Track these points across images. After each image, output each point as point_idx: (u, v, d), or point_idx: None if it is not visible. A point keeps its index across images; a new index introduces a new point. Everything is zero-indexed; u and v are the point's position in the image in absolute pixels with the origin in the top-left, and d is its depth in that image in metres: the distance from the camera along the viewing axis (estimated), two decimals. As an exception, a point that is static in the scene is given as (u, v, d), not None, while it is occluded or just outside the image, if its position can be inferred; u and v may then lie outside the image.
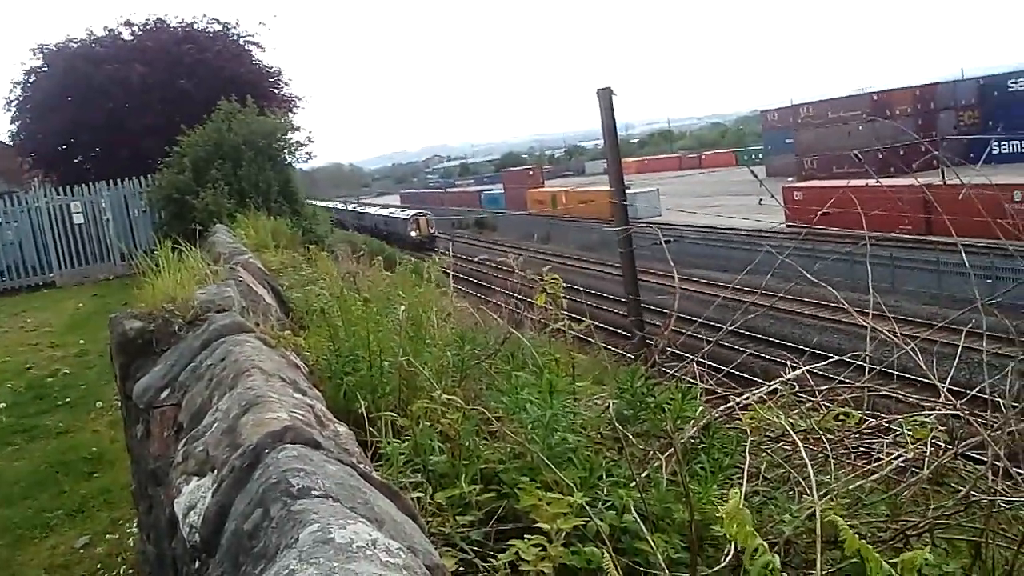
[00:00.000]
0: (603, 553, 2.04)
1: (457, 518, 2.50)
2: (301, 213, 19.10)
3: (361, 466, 1.88)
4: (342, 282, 5.80)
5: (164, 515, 2.49)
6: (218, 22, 29.60)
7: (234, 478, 1.76)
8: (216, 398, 2.50)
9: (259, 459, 1.73)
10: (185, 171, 18.56)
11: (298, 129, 21.18)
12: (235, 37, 29.61)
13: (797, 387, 3.64)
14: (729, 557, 2.17)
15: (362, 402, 3.30)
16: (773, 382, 3.59)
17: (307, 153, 21.43)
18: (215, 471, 2.00)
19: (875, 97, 52.33)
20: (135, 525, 5.84)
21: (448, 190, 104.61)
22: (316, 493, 1.51)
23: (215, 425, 2.26)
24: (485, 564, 2.27)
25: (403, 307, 4.56)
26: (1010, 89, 47.95)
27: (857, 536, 2.47)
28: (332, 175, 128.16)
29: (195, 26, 29.16)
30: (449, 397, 3.12)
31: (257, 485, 1.61)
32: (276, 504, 1.49)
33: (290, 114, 26.12)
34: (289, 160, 20.09)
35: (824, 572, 2.17)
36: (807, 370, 3.62)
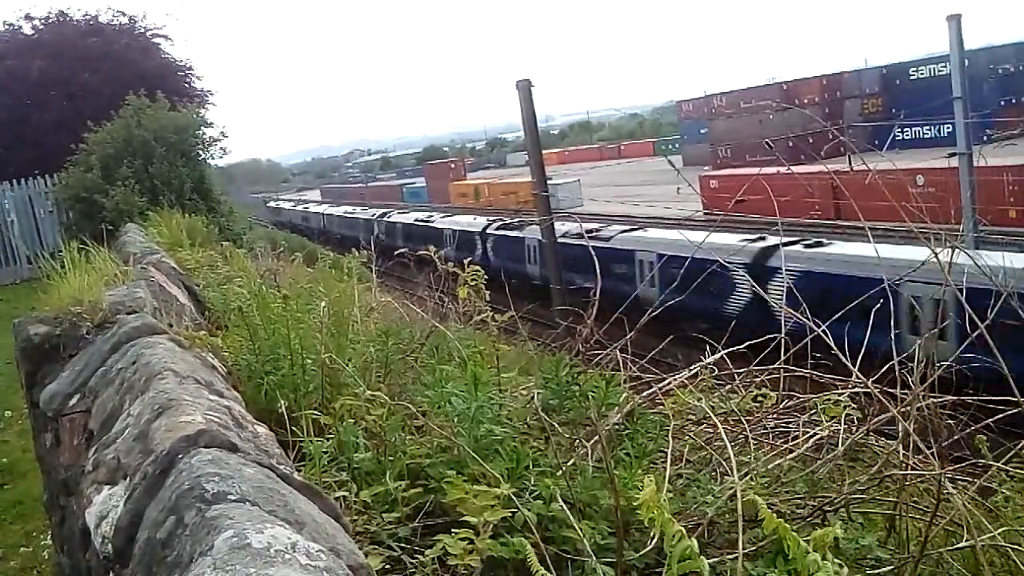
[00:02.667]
0: (529, 543, 2.04)
1: (384, 515, 2.47)
2: (217, 210, 18.61)
3: (281, 467, 1.84)
4: (261, 280, 5.67)
5: (77, 526, 2.39)
6: (124, 14, 28.57)
7: (146, 485, 1.69)
8: (127, 403, 2.40)
9: (172, 465, 1.66)
10: (93, 169, 17.84)
11: (211, 124, 20.62)
12: (142, 30, 28.62)
13: (717, 371, 3.72)
14: (655, 541, 2.20)
15: (283, 401, 3.23)
16: (694, 366, 3.66)
17: (222, 149, 20.82)
18: (127, 479, 1.92)
19: (784, 87, 53.86)
20: (49, 537, 5.61)
21: (369, 184, 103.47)
22: (232, 497, 1.46)
23: (126, 431, 2.17)
24: (413, 560, 2.25)
25: (324, 303, 4.49)
26: (911, 77, 49.95)
27: (777, 514, 2.53)
28: (250, 171, 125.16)
29: (100, 19, 28.09)
30: (373, 393, 3.08)
31: (170, 492, 1.55)
32: (190, 511, 1.44)
33: (203, 109, 25.39)
34: (203, 156, 19.52)
35: (746, 550, 2.22)
36: (725, 354, 3.70)
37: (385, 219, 46.97)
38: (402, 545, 2.35)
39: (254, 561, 1.24)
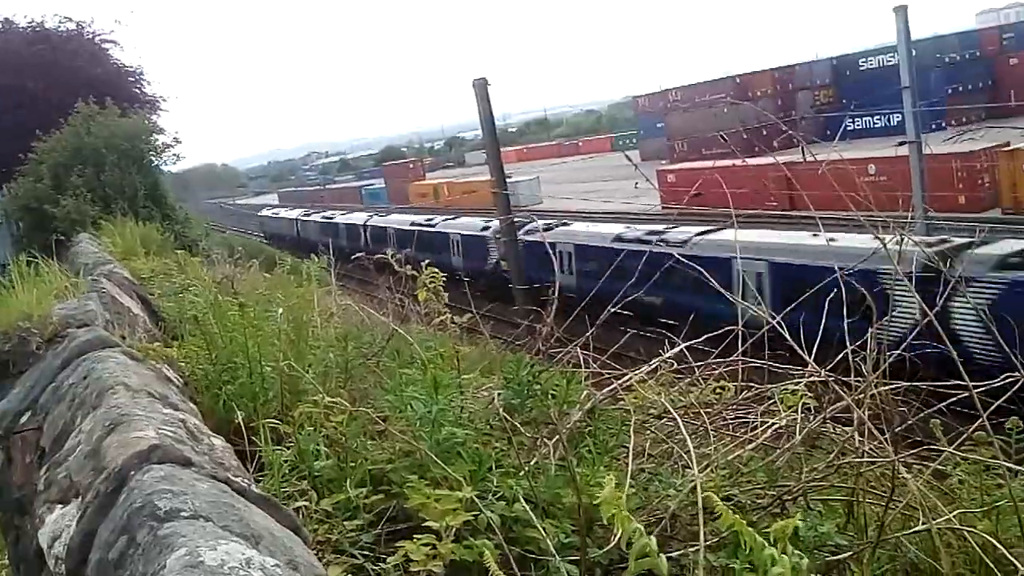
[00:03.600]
0: (492, 546, 2.04)
1: (345, 523, 2.45)
2: (172, 217, 18.32)
3: (238, 480, 1.81)
4: (217, 287, 5.59)
5: (31, 547, 2.34)
6: (71, 20, 27.97)
7: (98, 504, 1.66)
8: (79, 419, 2.36)
9: (124, 482, 1.63)
10: (43, 179, 17.46)
11: (163, 131, 20.29)
12: (90, 36, 28.05)
13: (676, 364, 3.75)
14: (619, 538, 2.21)
15: (241, 411, 3.18)
16: (653, 361, 3.68)
17: (175, 155, 20.48)
18: (79, 498, 1.89)
19: (738, 80, 54.59)
20: (6, 558, 5.49)
21: (328, 187, 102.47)
22: (185, 514, 1.44)
23: (78, 448, 2.13)
24: (376, 568, 2.24)
25: (281, 309, 4.44)
26: (861, 68, 50.79)
27: (737, 505, 2.56)
28: (205, 176, 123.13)
29: (46, 25, 27.48)
30: (333, 400, 3.05)
31: (122, 510, 1.52)
32: (142, 529, 1.41)
33: (155, 115, 24.96)
34: (156, 162, 19.20)
35: (709, 542, 2.24)
36: (684, 347, 3.73)
37: (558, 237, 26.57)
38: (364, 553, 2.33)
39: (207, 579, 1.22)
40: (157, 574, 1.27)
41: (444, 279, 3.83)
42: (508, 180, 20.59)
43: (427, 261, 3.95)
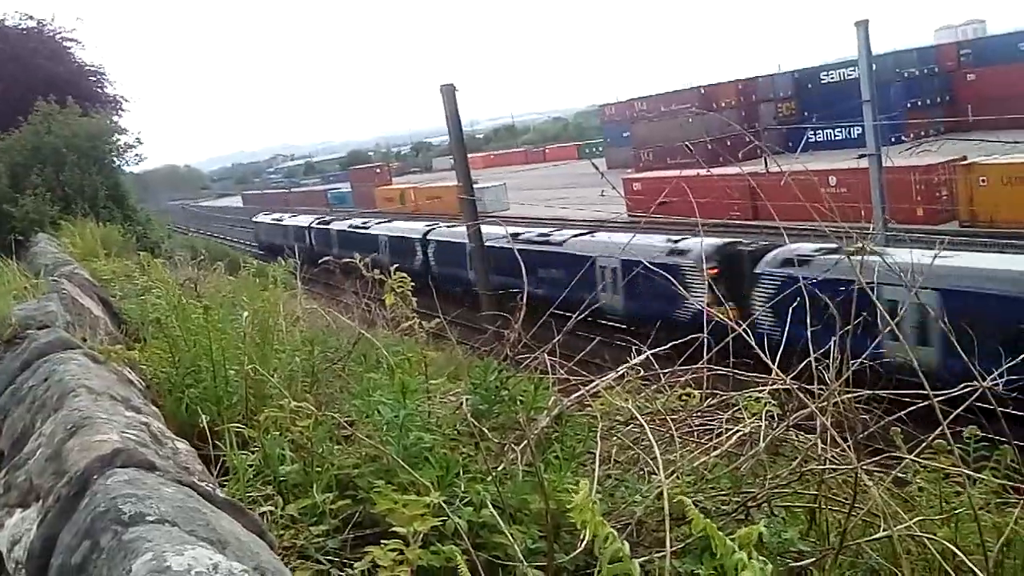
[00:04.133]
0: (459, 552, 2.03)
1: (312, 528, 2.43)
2: (133, 218, 18.08)
3: (203, 485, 1.79)
4: (181, 289, 5.51)
5: (-12, 552, 2.28)
6: (31, 18, 27.44)
7: (60, 508, 1.63)
8: (39, 422, 2.31)
9: (87, 486, 1.60)
10: (1, 178, 17.16)
11: (125, 131, 20.02)
12: (51, 34, 27.53)
13: (643, 371, 3.77)
14: (585, 543, 2.22)
15: (205, 415, 3.14)
16: (620, 367, 3.69)
17: (137, 155, 20.24)
18: (40, 501, 1.85)
19: (703, 91, 55.43)
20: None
21: (293, 190, 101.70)
22: (151, 519, 1.41)
23: (39, 451, 2.09)
24: (342, 573, 2.22)
25: (247, 313, 4.39)
26: (823, 81, 51.77)
27: (702, 511, 2.58)
28: (167, 177, 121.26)
29: (5, 23, 26.93)
30: (299, 404, 3.03)
31: (85, 514, 1.49)
32: (106, 534, 1.39)
33: (116, 115, 24.59)
34: (117, 163, 18.94)
35: (674, 547, 2.25)
36: (651, 354, 3.75)
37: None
38: (331, 558, 2.31)
39: (174, 584, 1.20)
40: (123, 579, 1.25)
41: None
42: (475, 186, 20.62)
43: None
